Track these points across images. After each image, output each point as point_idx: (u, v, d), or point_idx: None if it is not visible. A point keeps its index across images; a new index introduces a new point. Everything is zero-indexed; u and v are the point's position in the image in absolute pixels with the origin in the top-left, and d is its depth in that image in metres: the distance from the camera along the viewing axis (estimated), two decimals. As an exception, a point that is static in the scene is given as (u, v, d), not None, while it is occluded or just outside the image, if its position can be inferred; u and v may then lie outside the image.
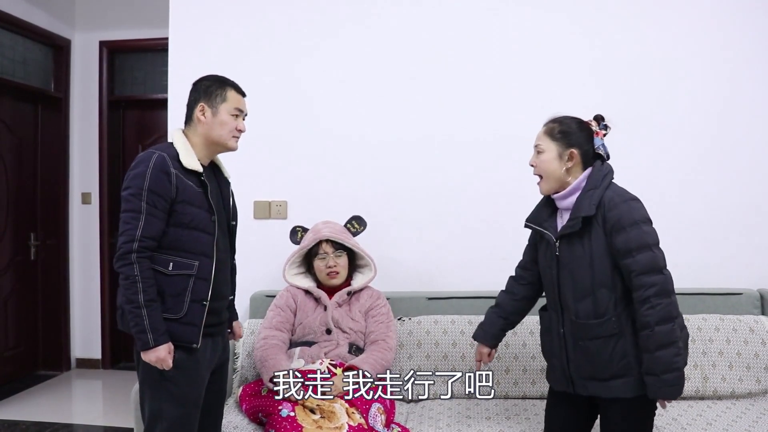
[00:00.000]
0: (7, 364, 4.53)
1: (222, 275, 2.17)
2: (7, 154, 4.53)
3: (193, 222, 2.06)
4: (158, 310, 1.99)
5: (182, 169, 2.05)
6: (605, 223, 1.99)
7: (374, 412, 2.38)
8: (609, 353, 2.01)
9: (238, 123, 2.16)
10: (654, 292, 1.93)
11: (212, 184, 2.16)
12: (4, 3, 4.22)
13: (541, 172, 2.15)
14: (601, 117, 2.16)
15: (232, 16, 3.34)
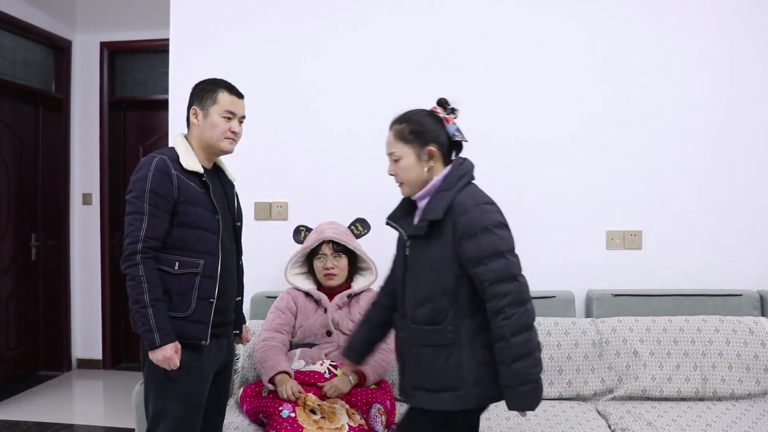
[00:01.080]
0: (8, 364, 4.54)
1: (228, 275, 2.19)
2: (8, 155, 4.53)
3: (196, 221, 2.09)
4: (164, 310, 2.02)
5: (183, 170, 2.09)
6: (455, 229, 1.84)
7: (374, 413, 2.39)
8: (441, 363, 1.87)
9: (231, 125, 2.16)
10: (508, 301, 1.79)
11: (215, 186, 2.20)
12: (4, 4, 4.23)
13: (403, 180, 1.97)
14: (445, 101, 2.00)
15: (232, 17, 3.34)
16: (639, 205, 3.20)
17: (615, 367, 2.84)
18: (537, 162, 3.23)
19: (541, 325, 2.91)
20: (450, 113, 1.99)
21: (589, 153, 3.21)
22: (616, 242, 3.21)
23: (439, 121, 1.97)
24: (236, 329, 2.35)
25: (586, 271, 3.21)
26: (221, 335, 2.20)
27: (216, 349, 2.18)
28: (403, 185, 1.98)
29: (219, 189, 2.23)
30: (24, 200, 4.70)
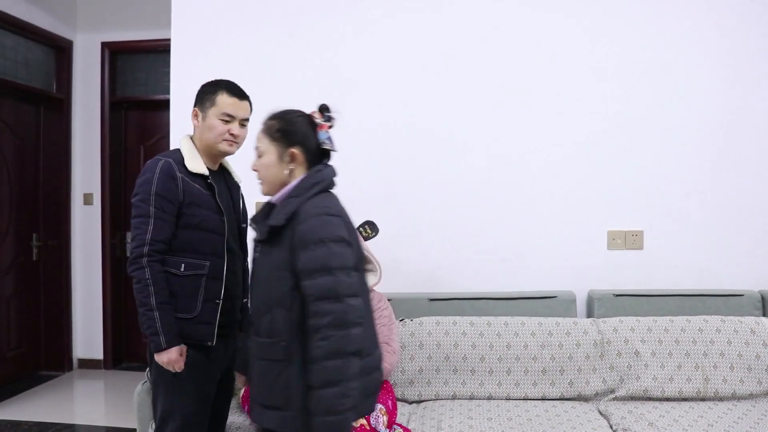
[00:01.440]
0: (9, 364, 4.53)
1: (233, 276, 2.21)
2: (10, 155, 4.53)
3: (202, 223, 2.12)
4: (170, 312, 2.04)
5: (188, 172, 2.11)
6: (293, 238, 1.73)
7: (376, 413, 2.39)
8: (272, 379, 1.76)
9: (230, 128, 2.16)
10: (327, 321, 1.65)
11: (221, 187, 2.21)
12: (6, 4, 4.23)
13: (262, 177, 1.88)
14: (326, 107, 1.91)
15: (234, 17, 3.34)
16: (640, 205, 3.21)
17: (617, 368, 2.84)
18: (538, 162, 3.23)
19: (543, 325, 2.92)
20: (326, 120, 1.90)
21: (590, 153, 3.21)
22: (617, 242, 3.21)
23: (313, 126, 1.88)
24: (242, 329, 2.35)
25: (588, 272, 3.22)
26: (228, 335, 2.23)
27: (223, 349, 2.20)
28: (263, 183, 1.88)
29: (225, 190, 2.24)
30: (25, 200, 4.70)
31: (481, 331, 2.91)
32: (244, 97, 2.19)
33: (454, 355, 2.87)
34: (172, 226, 2.07)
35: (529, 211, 3.23)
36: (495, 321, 2.95)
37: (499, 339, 2.89)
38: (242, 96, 2.19)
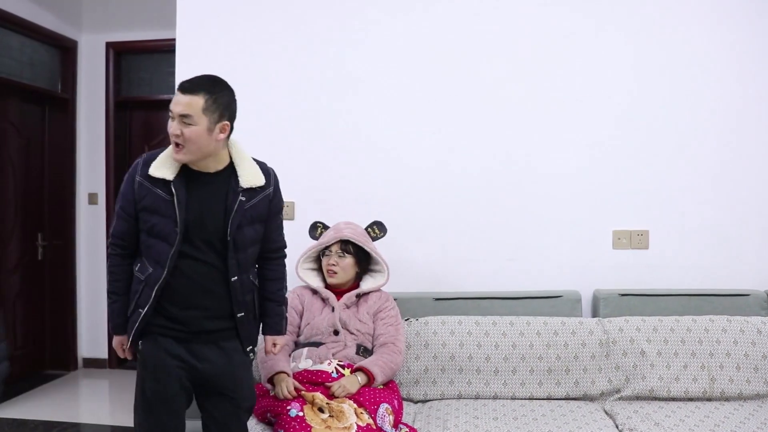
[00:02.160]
0: (15, 363, 4.54)
1: (192, 287, 2.10)
2: (15, 156, 4.54)
3: (154, 229, 2.07)
4: (119, 303, 2.14)
5: (150, 176, 2.06)
6: None
7: (382, 413, 2.39)
8: None
9: (170, 126, 2.03)
10: None
11: (196, 191, 2.08)
12: (11, 5, 4.24)
13: None
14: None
15: (238, 16, 3.34)
16: (646, 204, 3.20)
17: (622, 367, 2.83)
18: (543, 162, 3.22)
19: (548, 325, 2.92)
20: None
21: (595, 153, 3.21)
22: (622, 242, 3.21)
23: None
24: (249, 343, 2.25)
25: (593, 271, 3.21)
26: (188, 340, 2.12)
27: (187, 353, 2.12)
28: None
29: (209, 198, 2.10)
30: (30, 200, 4.71)
31: (487, 330, 2.91)
32: (189, 90, 1.99)
33: (460, 354, 2.87)
34: (128, 224, 2.11)
35: (534, 210, 3.22)
36: (500, 320, 2.95)
37: (505, 338, 2.89)
38: (187, 89, 2.00)
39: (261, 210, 2.17)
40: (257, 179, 2.15)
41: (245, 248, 2.15)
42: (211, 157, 2.09)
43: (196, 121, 1.98)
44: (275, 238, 2.28)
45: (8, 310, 4.48)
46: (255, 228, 2.17)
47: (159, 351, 2.12)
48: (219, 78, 2.11)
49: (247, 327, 2.21)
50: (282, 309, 2.32)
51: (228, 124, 2.06)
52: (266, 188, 2.18)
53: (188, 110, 1.98)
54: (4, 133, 4.42)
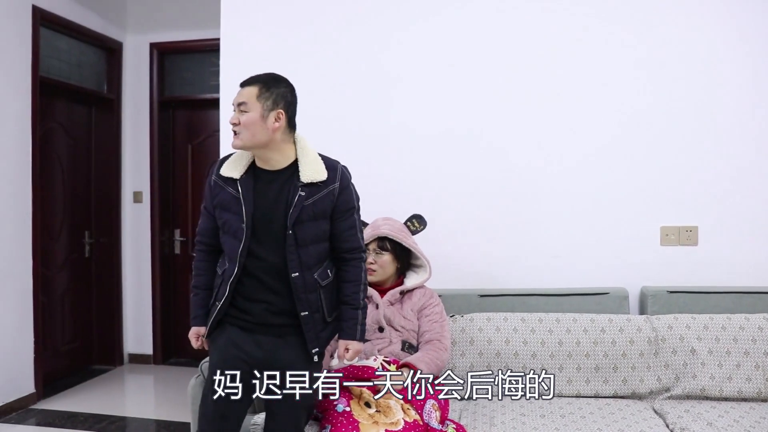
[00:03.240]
0: (63, 358, 4.66)
1: (260, 283, 2.16)
2: (63, 155, 4.66)
3: (225, 226, 2.17)
4: (199, 296, 2.28)
5: (221, 176, 2.18)
6: None
7: (429, 409, 2.38)
8: None
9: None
10: None
11: (262, 188, 2.15)
12: (61, 8, 4.35)
13: None
14: None
15: (282, 15, 3.37)
16: (695, 200, 3.13)
17: (672, 366, 2.78)
18: (590, 157, 3.18)
19: (595, 322, 2.88)
20: None
21: (642, 146, 3.15)
22: (670, 238, 3.15)
23: None
24: (314, 345, 2.22)
25: (640, 268, 3.16)
26: (253, 330, 2.19)
27: (251, 344, 2.19)
28: None
29: (270, 192, 2.15)
30: (78, 198, 4.82)
31: (533, 327, 2.88)
32: (246, 83, 2.14)
33: (505, 351, 2.85)
34: (210, 221, 2.24)
35: (580, 206, 3.18)
36: (546, 317, 2.92)
37: (551, 335, 2.86)
38: (245, 84, 2.15)
39: (324, 206, 2.16)
40: (319, 174, 2.14)
41: (306, 245, 2.15)
42: (271, 150, 2.14)
43: (250, 108, 2.08)
44: (347, 237, 2.23)
45: (57, 305, 4.60)
46: (318, 224, 2.16)
47: (224, 337, 2.22)
48: (278, 75, 2.19)
49: (312, 327, 2.19)
50: (357, 313, 2.25)
51: (282, 112, 2.11)
52: (330, 184, 2.17)
53: (243, 98, 2.10)
54: (53, 133, 4.53)
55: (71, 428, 3.70)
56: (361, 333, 2.27)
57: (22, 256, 4.04)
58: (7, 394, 3.89)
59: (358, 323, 2.25)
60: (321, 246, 2.20)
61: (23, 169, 4.04)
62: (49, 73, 4.38)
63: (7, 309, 3.90)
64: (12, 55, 3.93)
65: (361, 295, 2.26)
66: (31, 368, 4.10)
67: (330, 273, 2.24)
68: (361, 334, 2.27)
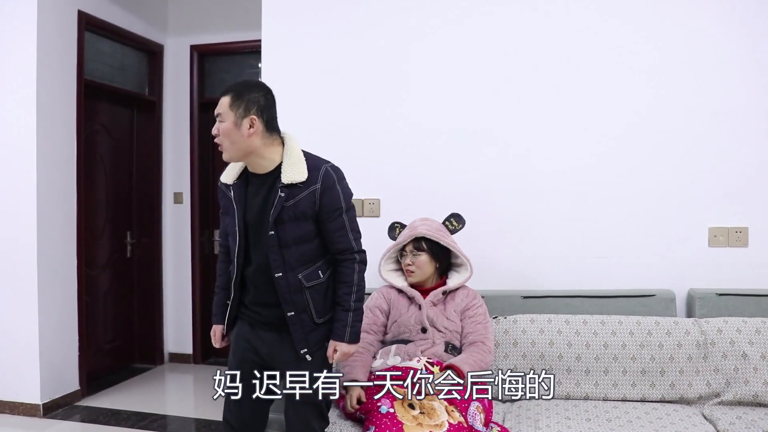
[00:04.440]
0: (105, 356, 4.74)
1: (254, 283, 2.25)
2: (106, 157, 4.74)
3: (226, 229, 2.28)
4: (218, 296, 2.40)
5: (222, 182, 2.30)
6: None
7: (473, 411, 2.35)
8: None
9: None
10: None
11: (252, 193, 2.22)
12: (104, 13, 4.42)
13: None
14: None
15: (323, 17, 3.38)
16: (745, 200, 3.05)
17: (722, 370, 2.71)
18: (637, 157, 3.13)
19: (641, 324, 2.83)
20: None
21: (690, 146, 3.08)
22: (719, 239, 3.07)
23: None
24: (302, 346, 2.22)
25: (688, 270, 3.09)
26: (257, 327, 2.30)
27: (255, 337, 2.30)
28: None
29: (260, 195, 2.19)
30: (120, 199, 4.90)
31: (577, 329, 2.84)
32: (221, 94, 2.17)
33: (549, 353, 2.81)
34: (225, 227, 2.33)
35: (625, 207, 3.13)
36: (591, 319, 2.87)
37: (596, 338, 2.81)
38: (221, 94, 2.18)
39: (305, 207, 2.15)
40: (298, 175, 2.14)
41: (289, 245, 2.16)
42: (255, 156, 2.16)
43: (224, 118, 2.12)
44: (336, 238, 2.21)
45: (99, 304, 4.68)
46: (300, 225, 2.16)
47: (236, 333, 2.36)
48: (251, 80, 2.28)
49: (300, 328, 2.19)
50: (346, 315, 2.22)
51: (255, 118, 2.11)
52: (311, 184, 2.15)
53: (219, 109, 2.14)
54: (96, 134, 4.61)
55: (115, 425, 3.75)
56: (351, 335, 2.23)
57: (68, 256, 4.12)
58: (53, 391, 3.97)
59: (347, 325, 2.22)
60: (305, 247, 2.19)
61: (69, 170, 4.12)
62: (93, 75, 4.47)
63: (53, 308, 3.98)
64: (59, 58, 4.01)
65: (352, 296, 2.23)
66: (76, 366, 4.18)
67: (321, 274, 2.23)
68: (351, 336, 2.23)
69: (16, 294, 3.88)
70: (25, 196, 3.85)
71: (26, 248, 3.85)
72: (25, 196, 3.85)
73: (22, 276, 3.86)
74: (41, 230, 3.87)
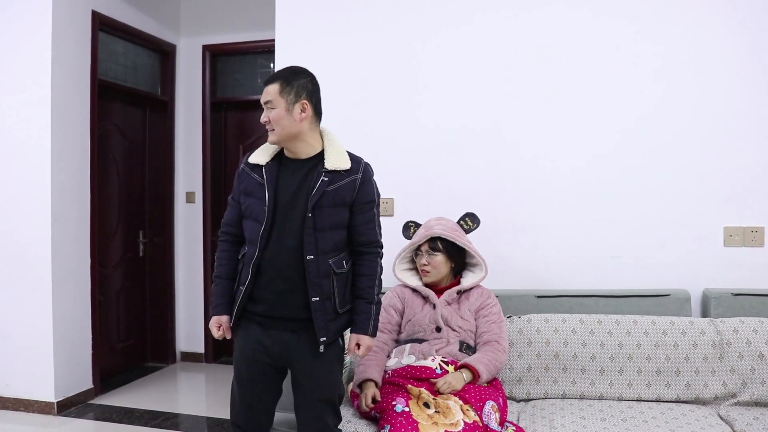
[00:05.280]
0: (119, 355, 4.76)
1: (276, 266, 2.17)
2: (119, 156, 4.75)
3: (247, 211, 2.24)
4: (220, 286, 2.29)
5: (249, 163, 2.26)
6: None
7: (488, 410, 2.35)
8: None
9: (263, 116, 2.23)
10: None
11: (287, 175, 2.22)
12: (117, 13, 4.44)
13: None
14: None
15: (336, 16, 3.39)
16: (760, 200, 3.04)
17: (738, 371, 2.70)
18: (650, 157, 3.11)
19: (656, 324, 2.81)
20: None
21: (705, 146, 3.07)
22: (735, 239, 3.05)
23: None
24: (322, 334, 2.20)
25: (703, 269, 3.08)
26: (267, 326, 2.22)
27: (261, 335, 2.23)
28: None
29: (296, 178, 2.20)
30: (132, 198, 4.92)
31: (592, 329, 2.83)
32: (269, 81, 2.21)
33: (564, 353, 2.80)
34: (237, 210, 2.29)
35: (639, 206, 3.12)
36: (606, 319, 2.86)
37: (611, 337, 2.80)
38: (267, 82, 2.21)
39: (345, 194, 2.20)
40: (343, 163, 2.20)
41: (324, 229, 2.18)
42: (300, 141, 2.21)
43: (275, 105, 2.16)
44: (364, 230, 2.26)
45: (112, 304, 4.70)
46: (338, 211, 2.19)
47: (244, 335, 2.28)
48: (297, 67, 2.28)
49: (322, 315, 2.18)
50: (370, 307, 2.24)
51: (306, 102, 2.18)
52: (353, 173, 2.22)
53: (269, 96, 2.18)
54: (109, 134, 4.63)
55: (128, 424, 3.77)
56: (374, 328, 2.26)
57: (81, 255, 4.14)
58: (67, 389, 3.99)
59: (371, 318, 2.25)
60: (338, 234, 2.22)
61: (83, 169, 4.14)
62: (106, 75, 4.49)
63: (67, 307, 4.00)
64: (73, 58, 4.03)
65: (375, 290, 2.27)
66: (89, 364, 4.20)
67: (345, 264, 2.25)
68: (374, 329, 2.26)
69: (31, 293, 3.90)
70: (39, 195, 3.87)
71: (40, 247, 3.88)
72: (39, 195, 3.87)
73: (37, 275, 3.89)
74: (55, 229, 3.89)
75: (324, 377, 2.26)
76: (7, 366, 3.95)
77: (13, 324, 3.93)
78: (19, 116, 3.91)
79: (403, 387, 2.41)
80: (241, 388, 2.30)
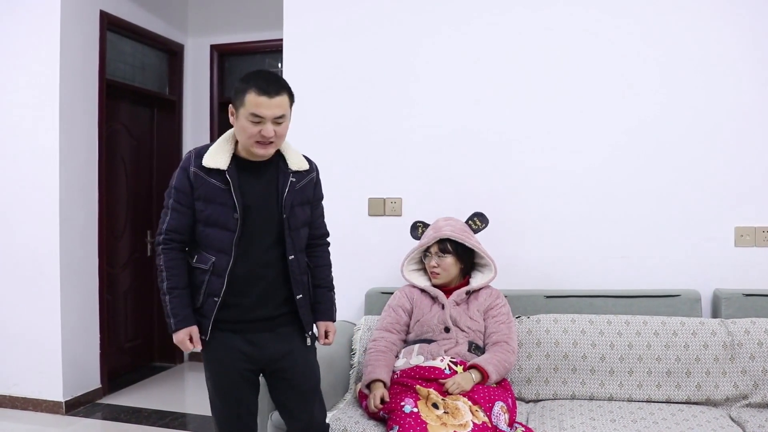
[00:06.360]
0: (126, 354, 4.77)
1: (250, 273, 2.13)
2: (127, 156, 4.76)
3: (211, 218, 2.10)
4: (181, 297, 2.11)
5: (204, 167, 2.08)
6: None
7: (497, 411, 2.34)
8: None
9: (262, 128, 2.01)
10: None
11: (249, 177, 2.12)
12: (125, 13, 4.45)
13: None
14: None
15: (345, 15, 3.38)
16: (772, 200, 3.01)
17: (750, 372, 2.67)
18: (659, 156, 3.09)
19: (666, 325, 2.79)
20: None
21: (716, 145, 3.05)
22: (746, 239, 3.03)
23: None
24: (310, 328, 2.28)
25: (713, 270, 3.05)
26: (244, 331, 2.17)
27: (241, 343, 2.16)
28: None
29: (261, 182, 2.14)
30: (140, 198, 4.92)
31: (601, 329, 2.81)
32: (275, 93, 2.00)
33: (573, 353, 2.78)
34: (187, 217, 2.11)
35: (649, 206, 3.09)
36: (615, 319, 2.84)
37: (621, 338, 2.78)
38: (273, 93, 1.99)
39: (308, 192, 2.25)
40: (302, 164, 2.23)
41: (297, 228, 2.21)
42: None
43: (286, 118, 2.08)
44: (320, 224, 2.36)
45: (120, 303, 4.70)
46: (304, 209, 2.24)
47: (219, 346, 2.17)
48: (275, 72, 2.25)
49: (306, 311, 2.25)
50: (332, 295, 2.37)
51: None
52: (310, 173, 2.27)
53: (281, 111, 2.03)
54: (117, 134, 4.64)
55: (136, 423, 3.77)
56: (335, 314, 2.38)
57: (90, 255, 4.15)
58: (75, 389, 4.00)
59: (333, 304, 2.37)
60: (305, 231, 2.27)
61: (91, 169, 4.14)
62: (115, 75, 4.49)
63: (75, 306, 4.01)
64: (82, 58, 4.04)
65: (332, 278, 2.39)
66: (98, 364, 4.21)
67: (307, 257, 2.32)
68: (335, 315, 2.38)
69: (39, 293, 3.91)
70: (47, 195, 3.88)
71: (49, 247, 3.88)
72: (47, 195, 3.88)
73: (45, 275, 3.90)
74: (64, 229, 3.90)
75: (310, 367, 2.31)
76: (16, 365, 3.97)
77: (22, 324, 3.94)
78: (27, 116, 3.92)
79: (411, 387, 2.40)
80: (226, 400, 2.21)
